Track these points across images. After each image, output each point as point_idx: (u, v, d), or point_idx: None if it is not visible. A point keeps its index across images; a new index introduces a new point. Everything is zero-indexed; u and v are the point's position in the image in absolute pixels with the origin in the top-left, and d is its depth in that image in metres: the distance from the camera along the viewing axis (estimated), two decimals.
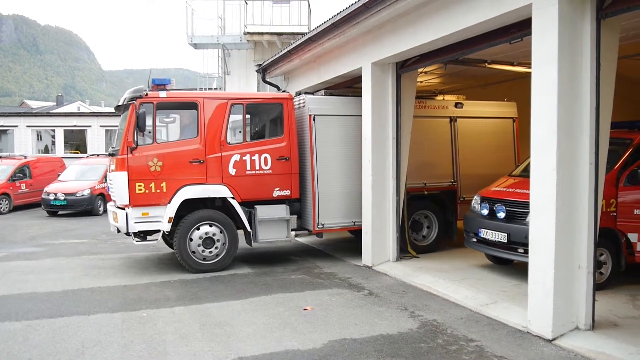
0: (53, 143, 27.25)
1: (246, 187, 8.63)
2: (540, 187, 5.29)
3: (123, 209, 8.18)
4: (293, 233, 9.22)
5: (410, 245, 9.28)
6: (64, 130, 26.37)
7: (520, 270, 7.69)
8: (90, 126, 26.15)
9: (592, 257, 5.26)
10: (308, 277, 8.06)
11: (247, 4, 16.77)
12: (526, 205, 6.03)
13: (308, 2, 16.91)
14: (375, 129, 8.54)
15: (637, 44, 7.97)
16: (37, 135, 27.27)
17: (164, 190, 8.15)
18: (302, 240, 11.56)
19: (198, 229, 8.34)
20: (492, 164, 9.87)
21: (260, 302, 6.70)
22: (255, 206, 8.72)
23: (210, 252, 8.41)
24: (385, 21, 7.73)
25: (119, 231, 8.57)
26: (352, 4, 7.71)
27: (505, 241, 7.21)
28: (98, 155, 20.04)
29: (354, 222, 9.20)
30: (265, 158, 8.75)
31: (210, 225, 8.42)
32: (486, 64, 9.00)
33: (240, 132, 8.94)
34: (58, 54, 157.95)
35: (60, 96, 58.61)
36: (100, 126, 25.99)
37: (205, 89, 17.99)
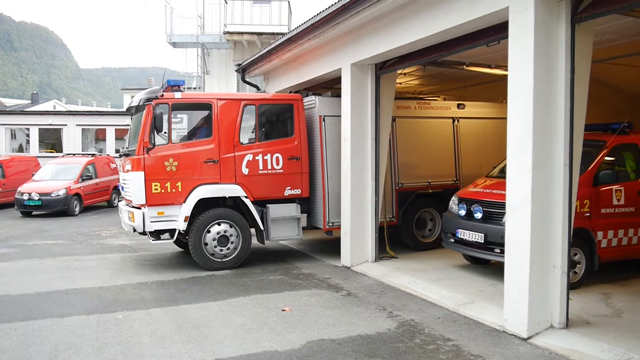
0: (28, 142, 26.72)
1: (258, 187, 8.79)
2: (516, 187, 5.36)
3: (139, 208, 8.24)
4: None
5: (414, 242, 9.45)
6: (39, 128, 25.86)
7: (497, 270, 7.77)
8: (66, 125, 25.69)
9: (566, 257, 5.35)
10: (287, 277, 8.04)
11: (227, 3, 16.69)
12: (503, 205, 6.11)
13: (288, 2, 16.89)
14: (354, 130, 8.57)
15: (610, 48, 8.13)
16: (11, 134, 26.71)
17: (180, 189, 8.28)
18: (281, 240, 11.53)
19: (213, 227, 8.48)
20: (492, 163, 10.13)
21: (238, 303, 6.67)
22: (267, 205, 8.87)
23: (224, 250, 8.54)
24: (364, 22, 7.75)
25: (134, 230, 8.61)
26: (332, 5, 7.72)
27: (482, 241, 7.29)
28: (74, 154, 19.72)
29: None
30: (277, 158, 8.92)
31: (225, 224, 8.55)
32: (464, 66, 9.08)
33: (252, 132, 9.03)
34: (33, 51, 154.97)
35: (35, 94, 57.49)
36: (77, 125, 25.56)
37: (185, 88, 17.86)
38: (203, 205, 8.45)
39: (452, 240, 7.95)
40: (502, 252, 5.98)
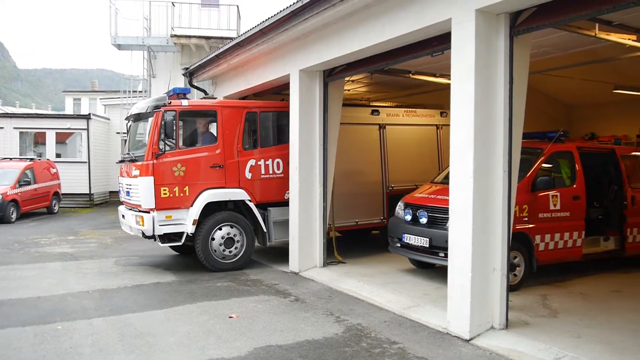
0: None
1: (261, 190, 9.18)
2: (459, 193, 5.53)
3: (147, 212, 8.35)
4: None
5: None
6: None
7: (441, 274, 7.95)
8: (2, 128, 24.47)
9: (505, 260, 5.55)
10: (234, 284, 7.97)
11: (174, 6, 16.43)
12: (447, 211, 6.27)
13: (237, 6, 16.80)
14: (302, 136, 8.60)
15: (547, 60, 8.52)
16: None
17: (187, 194, 8.56)
18: None
19: (219, 230, 8.76)
20: None
21: (184, 310, 6.55)
22: (269, 208, 9.22)
23: (230, 251, 8.86)
24: (313, 29, 7.82)
25: (143, 235, 8.62)
26: (281, 11, 7.74)
27: (427, 246, 7.47)
28: (11, 159, 18.84)
29: (357, 222, 9.98)
30: (278, 163, 9.37)
31: (231, 227, 8.88)
32: (410, 75, 9.31)
33: (255, 138, 9.39)
34: None
35: None
36: (14, 128, 24.40)
37: (130, 92, 17.44)
38: (206, 208, 8.69)
39: (399, 244, 8.10)
40: (446, 256, 6.14)
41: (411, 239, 7.76)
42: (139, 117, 9.22)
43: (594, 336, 5.50)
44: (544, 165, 7.75)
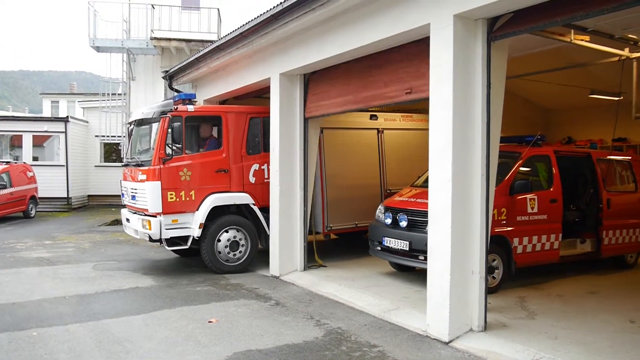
0: None
1: (263, 194, 9.23)
2: (438, 197, 5.57)
3: (154, 216, 8.46)
4: None
5: None
6: None
7: (422, 277, 8.00)
8: None
9: (484, 263, 5.60)
10: (214, 288, 7.92)
11: (154, 8, 16.30)
12: (426, 214, 6.31)
13: (218, 9, 16.73)
14: (283, 140, 8.60)
15: (525, 65, 8.64)
16: None
17: (193, 198, 8.72)
18: None
19: (224, 233, 8.92)
20: None
21: (162, 316, 6.49)
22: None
23: (234, 254, 9.02)
24: (293, 33, 7.82)
25: (150, 238, 8.71)
26: (261, 15, 7.74)
27: (407, 249, 7.50)
28: None
29: (356, 224, 10.06)
30: None
31: (237, 230, 9.05)
32: None
33: (258, 142, 9.53)
34: None
35: None
36: None
37: (109, 94, 17.25)
38: (210, 212, 8.81)
39: (379, 248, 8.13)
40: (426, 259, 6.18)
41: (391, 242, 7.79)
42: (141, 122, 9.33)
43: (570, 337, 5.59)
44: (521, 168, 7.85)
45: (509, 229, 7.36)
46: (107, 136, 17.94)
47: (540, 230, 7.73)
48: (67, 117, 21.73)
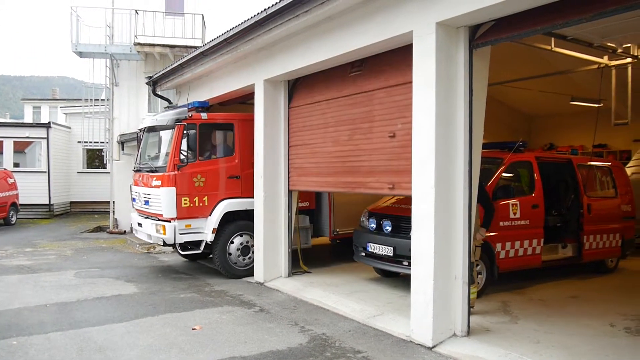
0: None
1: None
2: (421, 202, 5.61)
3: (169, 221, 8.63)
4: None
5: None
6: None
7: (406, 282, 8.01)
8: None
9: (467, 268, 5.64)
10: (198, 295, 7.87)
11: (137, 13, 16.21)
12: (410, 220, 6.35)
13: (202, 15, 16.68)
14: (267, 145, 8.60)
15: (507, 72, 8.76)
16: None
17: (206, 203, 8.91)
18: None
19: (236, 238, 9.11)
20: None
21: (145, 323, 6.42)
22: None
23: (244, 259, 9.19)
24: (277, 39, 7.84)
25: (164, 243, 8.86)
26: (245, 21, 7.75)
27: (391, 254, 7.53)
28: None
29: None
30: None
31: (247, 235, 9.19)
32: None
33: None
34: None
35: None
36: None
37: (92, 100, 17.09)
38: (221, 218, 8.99)
39: (363, 253, 8.14)
40: (410, 264, 6.21)
41: (375, 248, 7.81)
42: (152, 129, 9.51)
43: (552, 341, 5.65)
44: (504, 174, 7.94)
45: (492, 234, 7.42)
46: (90, 142, 17.74)
47: (523, 235, 7.81)
48: (49, 122, 21.49)
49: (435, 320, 5.48)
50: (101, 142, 17.30)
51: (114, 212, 16.38)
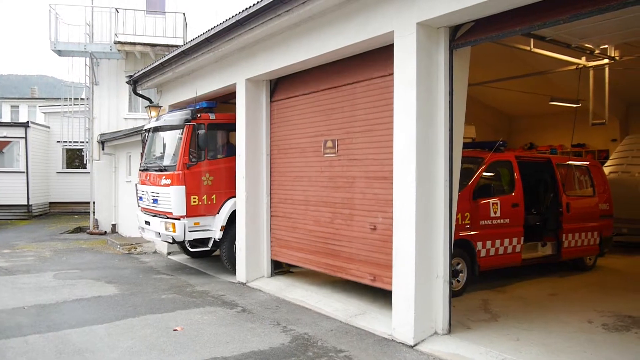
0: None
1: None
2: (402, 202, 5.63)
3: (178, 219, 8.79)
4: None
5: None
6: None
7: None
8: None
9: (447, 267, 5.68)
10: (179, 296, 7.81)
11: (117, 12, 16.04)
12: None
13: (184, 14, 16.57)
14: (249, 145, 8.57)
15: (487, 72, 8.84)
16: None
17: (214, 201, 9.13)
18: (175, 258, 11.20)
19: None
20: None
21: (126, 325, 6.36)
22: None
23: None
24: (258, 39, 7.82)
25: (173, 241, 9.10)
26: (226, 20, 7.71)
27: None
28: None
29: None
30: None
31: None
32: None
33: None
34: None
35: None
36: None
37: (71, 99, 16.88)
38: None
39: None
40: None
41: None
42: (158, 129, 9.68)
43: (531, 339, 5.71)
44: (484, 174, 8.01)
45: (472, 233, 7.49)
46: (70, 142, 17.53)
47: (503, 234, 7.89)
48: (28, 122, 21.17)
49: (416, 319, 5.51)
50: (81, 142, 17.09)
51: (94, 212, 16.20)
